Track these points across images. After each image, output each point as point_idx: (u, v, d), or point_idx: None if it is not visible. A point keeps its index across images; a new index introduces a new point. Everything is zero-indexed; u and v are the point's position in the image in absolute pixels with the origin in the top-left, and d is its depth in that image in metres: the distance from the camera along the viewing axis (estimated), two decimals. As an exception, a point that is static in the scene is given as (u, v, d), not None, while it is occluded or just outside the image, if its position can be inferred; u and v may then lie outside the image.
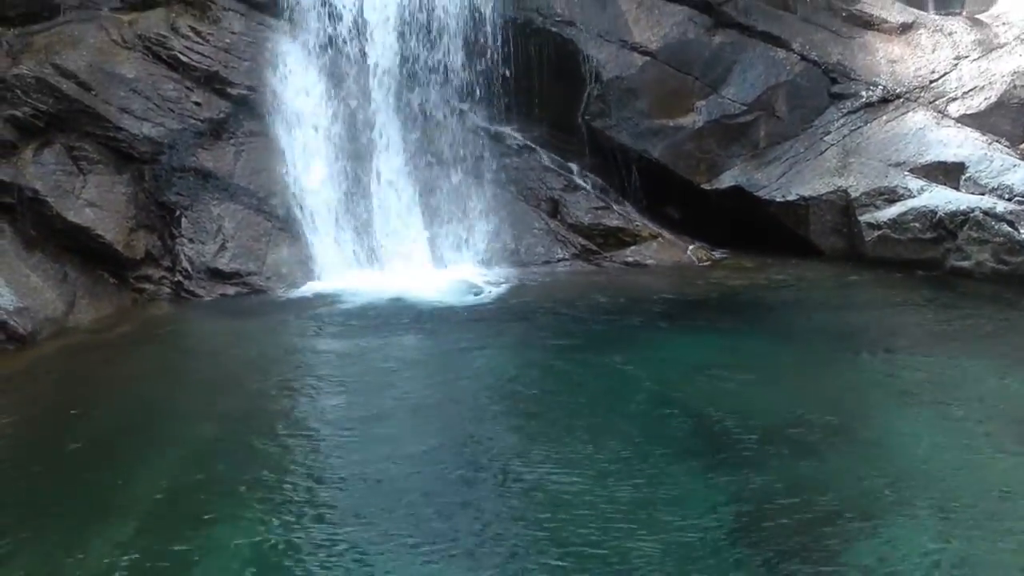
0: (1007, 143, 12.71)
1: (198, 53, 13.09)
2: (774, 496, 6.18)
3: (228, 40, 13.29)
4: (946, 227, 11.98)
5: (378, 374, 9.13)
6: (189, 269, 12.33)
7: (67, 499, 6.65)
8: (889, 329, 10.12)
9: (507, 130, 13.91)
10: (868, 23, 13.97)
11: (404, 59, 13.54)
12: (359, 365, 9.46)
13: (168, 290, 12.33)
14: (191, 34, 13.20)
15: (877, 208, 12.65)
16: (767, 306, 11.20)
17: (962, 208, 11.94)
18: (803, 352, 9.39)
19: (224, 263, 12.44)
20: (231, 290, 12.33)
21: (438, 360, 9.65)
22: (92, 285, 12.01)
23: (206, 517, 6.25)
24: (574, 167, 13.95)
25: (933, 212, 12.11)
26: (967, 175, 12.40)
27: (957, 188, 12.42)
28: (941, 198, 12.26)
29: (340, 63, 13.56)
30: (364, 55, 13.55)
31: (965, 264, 11.79)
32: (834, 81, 13.79)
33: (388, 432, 7.64)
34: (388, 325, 10.79)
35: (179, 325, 11.57)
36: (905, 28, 13.93)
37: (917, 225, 12.22)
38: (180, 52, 13.02)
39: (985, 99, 13.06)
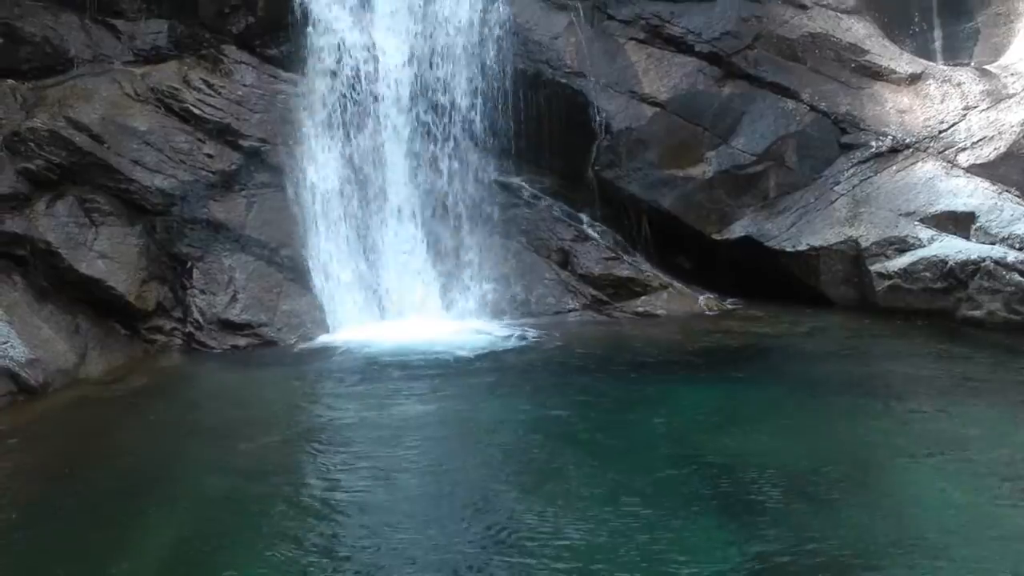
0: (1017, 193, 12.72)
1: (210, 106, 13.19)
2: (790, 551, 6.12)
3: (240, 93, 13.39)
4: (957, 277, 11.96)
5: (389, 428, 9.07)
6: (200, 320, 12.33)
7: (75, 552, 6.61)
8: (902, 379, 10.06)
9: (517, 181, 13.96)
10: (877, 74, 14.02)
11: (415, 110, 13.62)
12: (370, 419, 9.40)
13: (179, 341, 12.33)
14: (203, 87, 13.30)
15: (888, 258, 12.64)
16: (779, 356, 11.16)
17: (973, 258, 11.94)
18: (817, 403, 9.33)
19: (235, 314, 12.45)
20: (242, 341, 12.33)
21: (449, 414, 9.59)
22: (103, 336, 12.01)
23: (214, 571, 6.21)
24: (584, 217, 13.98)
25: (944, 262, 12.10)
26: (977, 225, 12.39)
27: (968, 238, 12.42)
28: (952, 248, 12.25)
29: (351, 114, 13.63)
30: (375, 106, 13.63)
31: (977, 314, 11.76)
32: (844, 131, 13.82)
33: (398, 489, 7.58)
34: (399, 377, 10.74)
35: (190, 377, 11.55)
36: (914, 79, 13.97)
37: (928, 275, 12.21)
38: (192, 105, 13.12)
39: (995, 149, 13.09)
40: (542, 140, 13.69)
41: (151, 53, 13.56)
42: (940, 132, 13.53)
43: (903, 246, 12.60)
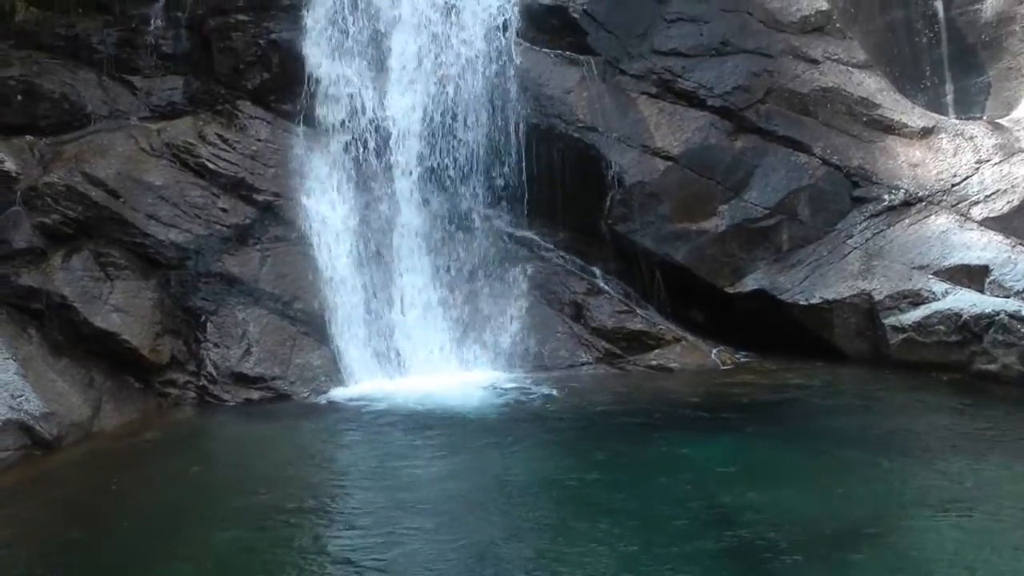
0: (1031, 246, 12.73)
1: (225, 160, 13.30)
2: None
3: (255, 147, 13.50)
4: (971, 330, 11.92)
5: (403, 483, 9.06)
6: (214, 374, 12.35)
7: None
8: (918, 434, 10.03)
9: (530, 234, 13.98)
10: (889, 127, 14.05)
11: (428, 164, 13.71)
12: (384, 474, 9.39)
13: (193, 395, 12.32)
14: (218, 141, 13.42)
15: (901, 311, 12.61)
16: (794, 411, 11.12)
17: (987, 311, 11.90)
18: (833, 458, 9.29)
19: (249, 367, 12.45)
20: (256, 395, 12.32)
21: (463, 470, 9.55)
22: (118, 390, 12.02)
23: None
24: (597, 271, 13.98)
25: (958, 315, 12.06)
26: (991, 278, 12.38)
27: (982, 291, 12.40)
28: (966, 301, 12.22)
29: (365, 168, 13.74)
30: (389, 160, 13.74)
31: (992, 368, 11.70)
32: (856, 185, 13.84)
33: (413, 547, 7.57)
34: (412, 433, 10.72)
35: (203, 430, 11.56)
36: (926, 132, 14.00)
37: (942, 328, 12.16)
38: (207, 159, 13.23)
39: (1008, 203, 13.10)
40: (555, 194, 13.73)
41: (167, 109, 13.69)
42: (953, 185, 13.55)
43: (917, 299, 12.57)
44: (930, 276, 12.71)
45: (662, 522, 7.80)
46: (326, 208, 13.50)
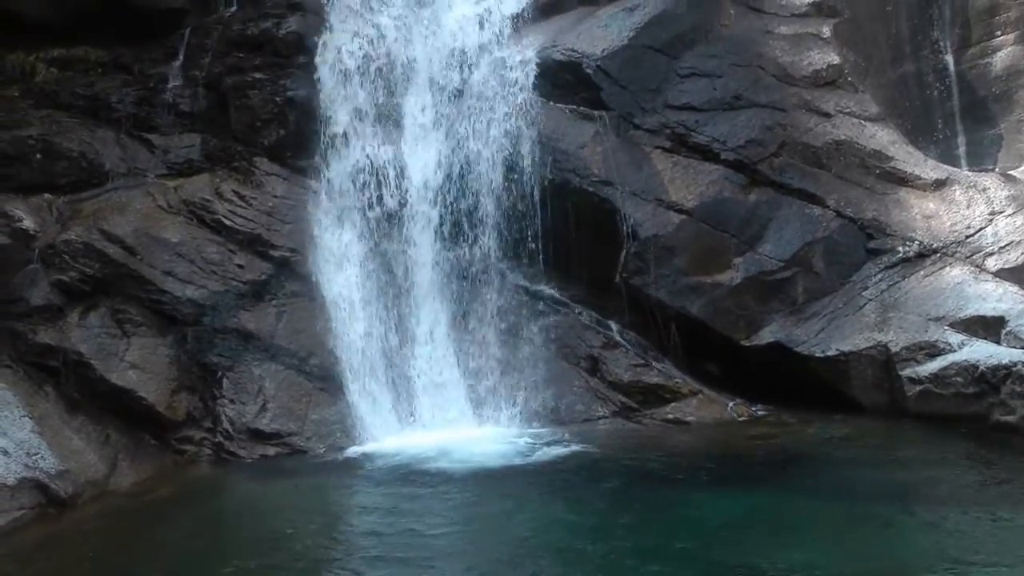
0: (1047, 297, 12.70)
1: (241, 216, 13.38)
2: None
3: (271, 204, 13.59)
4: (989, 381, 11.85)
5: (420, 542, 9.02)
6: (230, 430, 12.35)
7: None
8: (938, 487, 9.96)
9: (546, 288, 14.00)
10: (902, 180, 14.07)
11: (444, 220, 13.77)
12: (401, 532, 9.35)
13: (209, 451, 12.33)
14: (235, 198, 13.52)
15: (918, 363, 12.56)
16: (812, 464, 11.06)
17: (1004, 362, 11.84)
18: (853, 512, 9.23)
19: (265, 424, 12.46)
20: (272, 451, 12.31)
21: (480, 529, 9.50)
22: (133, 447, 12.04)
23: None
24: (613, 324, 13.97)
25: (975, 366, 12.00)
26: (1007, 329, 12.34)
27: (998, 342, 12.34)
28: (983, 352, 12.17)
29: (380, 224, 13.81)
30: (404, 216, 13.81)
31: (1010, 419, 11.62)
32: (870, 237, 13.84)
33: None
34: (429, 490, 10.69)
35: (219, 488, 11.55)
36: (939, 184, 14.01)
37: (959, 380, 12.10)
38: (224, 216, 13.32)
39: (1022, 253, 13.09)
40: (570, 248, 13.76)
41: (184, 166, 13.84)
42: (967, 237, 13.55)
43: (933, 351, 12.52)
44: (946, 327, 12.68)
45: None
46: (342, 263, 13.55)
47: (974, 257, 13.36)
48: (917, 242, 13.63)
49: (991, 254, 13.32)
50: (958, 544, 8.21)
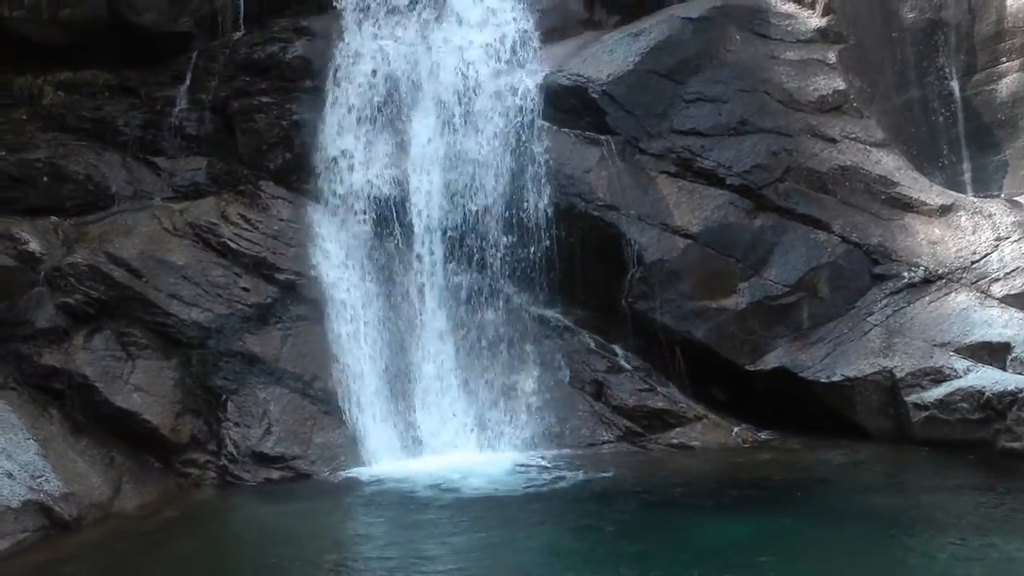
0: (1052, 323, 12.68)
1: (247, 240, 13.40)
2: None
3: (276, 227, 13.61)
4: (994, 407, 11.84)
5: (424, 569, 9.00)
6: (234, 453, 12.32)
7: None
8: (944, 514, 9.91)
9: (551, 313, 14.00)
10: (908, 205, 14.08)
11: (450, 243, 13.79)
12: (405, 558, 9.32)
13: (213, 474, 12.29)
14: (240, 221, 13.54)
15: (924, 389, 12.54)
16: (818, 490, 11.02)
17: (1010, 388, 11.83)
18: (857, 538, 9.20)
19: (269, 447, 12.43)
20: (276, 474, 12.28)
21: (485, 556, 9.42)
22: (138, 470, 12.02)
23: None
24: (618, 349, 13.96)
25: (981, 393, 11.99)
26: (1013, 355, 12.32)
27: (1004, 368, 12.33)
28: (988, 378, 12.15)
29: (386, 248, 13.84)
30: (410, 240, 13.84)
31: (1016, 445, 11.60)
32: (876, 262, 13.83)
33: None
34: (432, 514, 10.68)
35: (223, 511, 11.52)
36: (944, 210, 14.02)
37: (965, 406, 12.08)
38: (229, 239, 13.34)
39: (1028, 280, 13.12)
40: (575, 272, 13.78)
41: (190, 189, 13.89)
42: (972, 263, 13.54)
43: (939, 377, 12.50)
44: (951, 353, 12.66)
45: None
46: (347, 287, 13.57)
47: (980, 283, 13.35)
48: (923, 268, 13.62)
49: (996, 280, 13.31)
50: (967, 571, 8.17)
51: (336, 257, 13.69)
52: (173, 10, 14.28)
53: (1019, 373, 12.11)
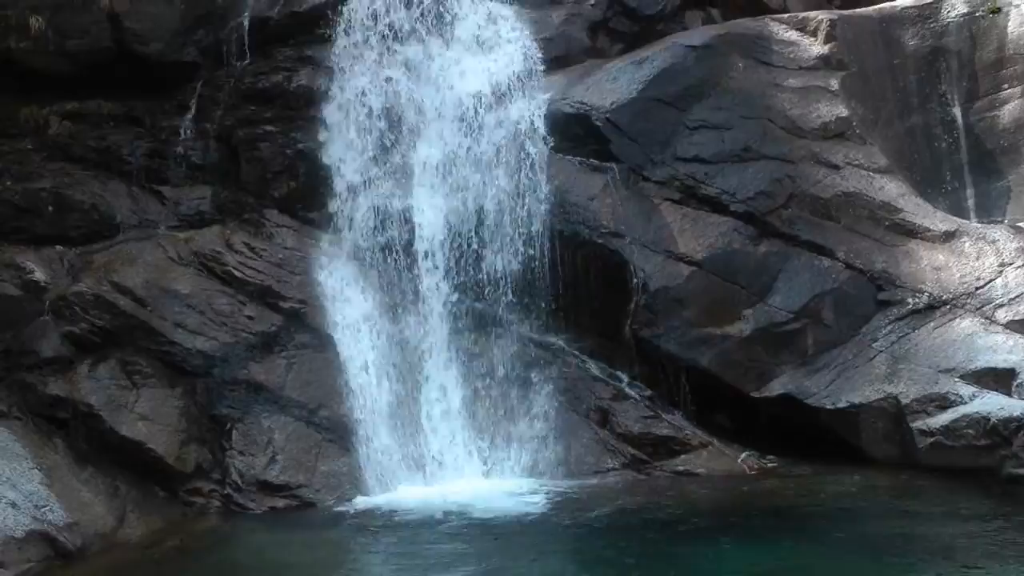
0: (1058, 350, 12.66)
1: (252, 268, 13.43)
2: None
3: (281, 255, 13.64)
4: (1000, 434, 11.81)
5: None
6: (239, 482, 12.31)
7: None
8: (951, 541, 9.89)
9: (555, 340, 13.97)
10: (911, 232, 14.07)
11: (454, 271, 13.81)
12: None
13: (218, 503, 12.28)
14: (245, 250, 13.57)
15: (929, 415, 12.51)
16: (824, 517, 10.99)
17: (1015, 415, 11.80)
18: (867, 567, 9.17)
19: (274, 476, 12.41)
20: (281, 503, 12.26)
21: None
22: (142, 499, 12.00)
23: None
24: (623, 376, 13.94)
25: (986, 419, 11.96)
26: (1018, 381, 12.30)
27: (1009, 394, 12.30)
28: (994, 404, 12.13)
29: (390, 275, 13.84)
30: (414, 267, 13.85)
31: (1021, 472, 11.57)
32: (880, 288, 13.82)
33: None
34: (439, 542, 10.64)
35: (228, 540, 11.50)
36: (948, 236, 14.01)
37: (971, 432, 12.05)
38: (234, 267, 13.37)
39: (1032, 305, 13.11)
40: (580, 299, 13.78)
41: (195, 218, 13.91)
42: (977, 289, 13.53)
43: (944, 403, 12.47)
44: (957, 379, 12.64)
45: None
46: (352, 315, 13.59)
47: (984, 309, 13.34)
48: (927, 294, 13.61)
49: (1001, 306, 13.29)
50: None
51: (340, 285, 13.70)
52: (178, 40, 14.33)
53: (1025, 399, 12.11)
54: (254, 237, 13.75)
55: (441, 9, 14.89)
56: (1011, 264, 13.60)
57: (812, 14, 15.51)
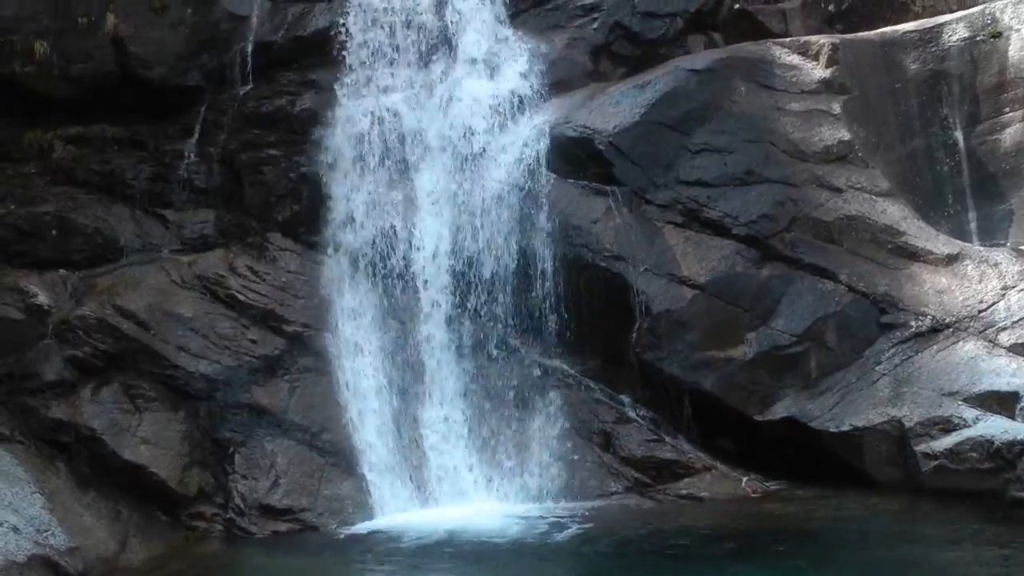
0: (1061, 373, 12.65)
1: (255, 292, 13.45)
2: None
3: (284, 279, 13.66)
4: (1004, 457, 11.78)
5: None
6: (242, 506, 12.30)
7: None
8: (956, 566, 9.87)
9: (558, 363, 13.96)
10: (914, 255, 14.07)
11: (457, 294, 13.81)
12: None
13: (220, 527, 12.26)
14: (248, 273, 13.60)
15: (932, 438, 12.48)
16: (829, 541, 10.98)
17: (1019, 438, 11.77)
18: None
19: (277, 499, 12.41)
20: (283, 527, 12.25)
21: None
22: (145, 523, 11.99)
23: None
24: (626, 399, 13.92)
25: (990, 442, 11.94)
26: (1022, 404, 12.28)
27: (1013, 417, 12.28)
28: (997, 427, 12.11)
29: (393, 298, 13.85)
30: (417, 290, 13.87)
31: (1025, 495, 11.57)
32: (883, 311, 13.81)
33: None
34: (441, 567, 10.67)
35: (230, 564, 11.51)
36: (951, 259, 14.01)
37: (974, 455, 12.03)
38: (237, 291, 13.39)
39: (1035, 328, 13.10)
40: (582, 322, 13.77)
41: (198, 241, 13.95)
42: (980, 312, 13.52)
43: (948, 426, 12.45)
44: (960, 403, 12.62)
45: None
46: (354, 338, 13.60)
47: (987, 332, 13.33)
48: (930, 317, 13.61)
49: (1004, 329, 13.28)
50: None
51: (343, 308, 13.71)
52: (182, 64, 14.38)
53: (1029, 423, 12.09)
54: (257, 261, 13.78)
55: (444, 33, 14.94)
56: (1014, 287, 13.60)
57: (814, 38, 15.53)
